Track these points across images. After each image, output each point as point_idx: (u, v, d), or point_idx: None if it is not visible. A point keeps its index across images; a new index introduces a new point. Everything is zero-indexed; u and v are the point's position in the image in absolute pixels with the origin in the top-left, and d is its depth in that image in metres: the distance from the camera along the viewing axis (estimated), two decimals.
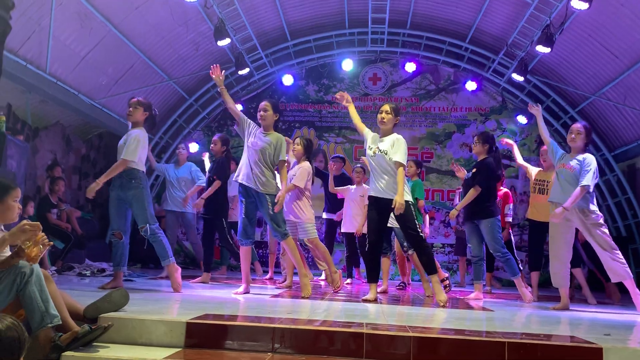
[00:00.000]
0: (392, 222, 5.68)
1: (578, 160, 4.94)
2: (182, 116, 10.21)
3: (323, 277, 7.42)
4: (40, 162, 8.07)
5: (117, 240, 4.88)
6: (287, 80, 10.23)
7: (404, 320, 3.50)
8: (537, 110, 5.44)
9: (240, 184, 4.85)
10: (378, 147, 4.70)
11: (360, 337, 2.74)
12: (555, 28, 7.50)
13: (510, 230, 7.02)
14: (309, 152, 5.85)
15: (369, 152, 4.78)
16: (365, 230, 6.86)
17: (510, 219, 6.95)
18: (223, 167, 6.44)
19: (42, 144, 8.12)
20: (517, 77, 9.03)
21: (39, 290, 2.51)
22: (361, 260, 8.04)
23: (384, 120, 4.77)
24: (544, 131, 5.43)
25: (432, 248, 8.44)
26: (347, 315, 3.65)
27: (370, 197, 4.74)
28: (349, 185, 7.04)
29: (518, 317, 4.13)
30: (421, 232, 4.70)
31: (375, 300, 4.60)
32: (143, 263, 9.38)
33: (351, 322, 3.14)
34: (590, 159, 4.93)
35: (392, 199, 4.55)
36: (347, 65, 10.20)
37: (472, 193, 5.56)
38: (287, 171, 5.34)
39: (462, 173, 6.03)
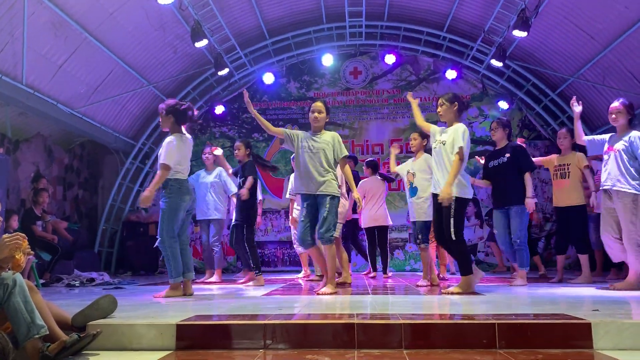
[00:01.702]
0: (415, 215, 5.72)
1: (625, 141, 4.89)
2: None
3: (301, 275, 7.40)
4: (23, 174, 7.98)
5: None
6: (268, 78, 10.20)
7: (395, 308, 3.51)
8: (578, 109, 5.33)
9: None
10: (440, 140, 4.61)
11: (351, 328, 2.74)
12: (531, 12, 7.55)
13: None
14: None
15: (433, 145, 4.70)
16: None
17: None
18: (253, 167, 6.21)
19: (23, 156, 8.03)
20: (496, 63, 9.08)
21: (23, 301, 2.47)
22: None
23: (440, 113, 4.69)
24: (580, 131, 5.31)
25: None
26: (339, 307, 3.66)
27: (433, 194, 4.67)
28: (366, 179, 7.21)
29: (509, 299, 4.15)
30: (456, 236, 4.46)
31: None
32: (134, 270, 9.34)
33: (342, 313, 3.14)
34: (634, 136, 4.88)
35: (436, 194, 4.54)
36: (327, 60, 10.19)
37: (528, 177, 5.57)
38: None
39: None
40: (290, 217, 7.09)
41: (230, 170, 6.49)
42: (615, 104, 5.06)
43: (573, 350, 2.58)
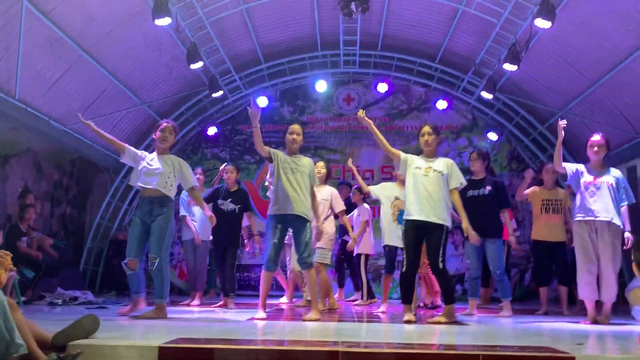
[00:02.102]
0: (397, 241, 5.77)
1: (613, 177, 4.96)
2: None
3: (284, 300, 7.38)
4: (10, 189, 7.92)
5: (131, 271, 4.69)
6: (262, 102, 10.26)
7: (380, 337, 3.49)
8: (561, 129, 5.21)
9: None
10: (431, 167, 4.64)
11: (335, 356, 2.72)
12: (521, 46, 7.71)
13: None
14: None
15: (418, 171, 4.64)
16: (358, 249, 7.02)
17: None
18: (248, 198, 6.49)
19: (12, 171, 7.98)
20: (486, 95, 9.22)
21: (3, 319, 2.44)
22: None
23: (429, 141, 4.73)
24: (561, 158, 5.21)
25: None
26: (324, 334, 3.63)
27: (411, 221, 4.57)
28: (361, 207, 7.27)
29: (493, 330, 4.15)
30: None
31: (415, 321, 4.53)
32: (119, 290, 9.21)
33: (326, 340, 3.12)
34: (621, 177, 4.99)
35: (439, 224, 4.49)
36: (321, 86, 10.30)
37: (508, 214, 5.74)
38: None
39: None
40: None
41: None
42: (597, 137, 5.10)
43: None
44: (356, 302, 7.28)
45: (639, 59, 7.04)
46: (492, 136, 9.94)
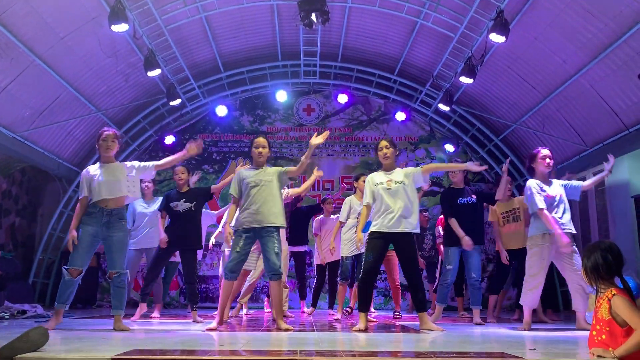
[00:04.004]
0: (354, 250, 5.92)
1: (560, 188, 5.11)
2: None
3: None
4: None
5: (70, 278, 4.51)
6: (221, 111, 10.19)
7: (340, 346, 3.48)
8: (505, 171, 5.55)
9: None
10: (392, 179, 4.73)
11: None
12: (477, 60, 7.93)
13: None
14: None
15: (381, 186, 4.74)
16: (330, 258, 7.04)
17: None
18: (205, 194, 6.15)
19: None
20: (444, 107, 9.43)
21: None
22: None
23: (387, 155, 4.82)
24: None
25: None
26: (283, 344, 3.59)
27: (378, 232, 4.67)
28: (322, 218, 7.35)
29: (452, 337, 4.20)
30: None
31: (366, 330, 4.55)
32: (71, 304, 8.89)
33: (285, 349, 3.09)
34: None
35: (407, 232, 4.62)
36: (281, 96, 10.31)
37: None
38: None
39: None
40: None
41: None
42: (548, 151, 5.25)
43: None
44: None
45: (587, 74, 7.35)
46: (449, 147, 10.15)
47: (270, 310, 7.65)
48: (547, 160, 5.15)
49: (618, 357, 2.72)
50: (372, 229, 4.75)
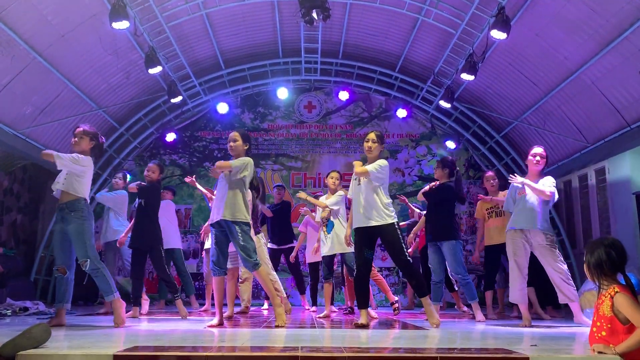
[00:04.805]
0: (337, 248, 5.96)
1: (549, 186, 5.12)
2: (112, 146, 9.91)
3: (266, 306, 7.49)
4: None
5: (60, 275, 4.64)
6: (222, 108, 10.18)
7: (340, 342, 3.49)
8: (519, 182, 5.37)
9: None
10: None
11: None
12: (478, 57, 7.91)
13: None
14: None
15: (353, 182, 4.81)
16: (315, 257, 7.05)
17: None
18: (155, 191, 6.13)
19: None
20: (445, 104, 9.41)
21: None
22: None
23: (371, 148, 4.81)
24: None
25: (380, 271, 8.44)
26: (284, 340, 3.60)
27: (356, 228, 4.74)
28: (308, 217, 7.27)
29: (453, 334, 4.21)
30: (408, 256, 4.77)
31: (367, 326, 4.58)
32: (72, 300, 8.90)
33: (286, 346, 3.10)
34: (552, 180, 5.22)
35: (383, 225, 4.65)
36: (282, 93, 10.29)
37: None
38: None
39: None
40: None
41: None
42: (540, 149, 5.26)
43: None
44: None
45: (589, 70, 7.33)
46: (450, 144, 10.14)
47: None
48: (538, 158, 5.18)
49: (619, 354, 2.73)
50: (353, 225, 4.84)
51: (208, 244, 6.57)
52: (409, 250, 6.27)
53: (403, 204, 8.32)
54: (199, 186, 6.52)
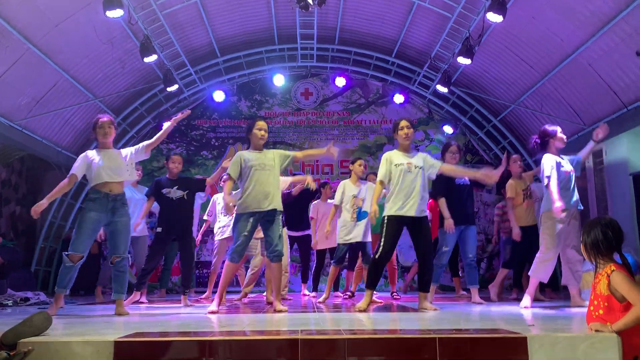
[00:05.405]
0: (351, 237, 6.02)
1: (569, 164, 5.18)
2: None
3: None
4: None
5: (71, 264, 4.53)
6: (219, 96, 10.16)
7: (340, 324, 3.52)
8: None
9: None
10: (412, 163, 4.75)
11: (295, 344, 2.72)
12: (475, 40, 7.88)
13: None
14: None
15: (401, 167, 4.74)
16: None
17: None
18: (200, 184, 6.18)
19: None
20: (442, 89, 9.39)
21: None
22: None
23: (409, 135, 4.84)
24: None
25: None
26: (284, 324, 3.63)
27: (395, 215, 4.70)
28: (318, 202, 7.36)
29: (451, 315, 4.24)
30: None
31: (367, 310, 4.67)
32: (73, 290, 8.94)
33: (286, 329, 3.12)
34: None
35: (424, 217, 4.74)
36: (279, 80, 10.27)
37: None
38: None
39: None
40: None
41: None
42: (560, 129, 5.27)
43: None
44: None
45: (585, 52, 7.31)
46: (448, 129, 10.14)
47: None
48: (565, 139, 5.24)
49: (616, 332, 2.75)
50: (389, 212, 4.74)
51: (224, 234, 6.67)
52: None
53: None
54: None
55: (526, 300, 5.09)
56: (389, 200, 4.78)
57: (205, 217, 7.33)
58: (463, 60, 8.05)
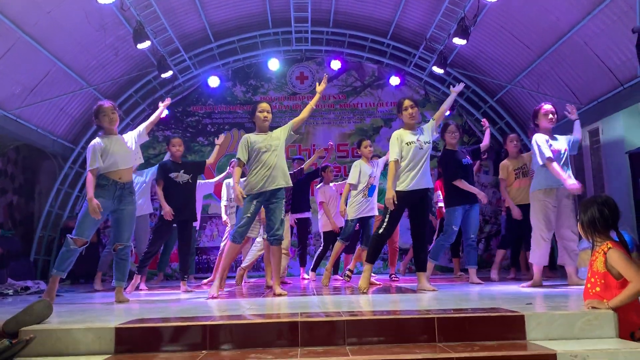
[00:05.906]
0: (360, 213, 6.10)
1: (564, 144, 5.16)
2: None
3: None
4: None
5: (75, 247, 4.49)
6: (213, 82, 10.11)
7: (339, 307, 3.54)
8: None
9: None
10: (421, 140, 4.85)
11: (295, 327, 2.75)
12: (470, 20, 7.83)
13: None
14: None
15: (412, 145, 4.80)
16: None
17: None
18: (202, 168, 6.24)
19: None
20: (438, 70, 9.35)
21: None
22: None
23: (413, 114, 4.92)
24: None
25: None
26: (284, 307, 3.65)
27: (405, 191, 4.77)
28: (325, 185, 7.43)
29: (449, 295, 4.27)
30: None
31: (366, 292, 4.78)
32: (73, 279, 8.99)
33: (286, 312, 3.15)
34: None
35: (429, 188, 4.88)
36: (274, 64, 10.20)
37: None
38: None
39: None
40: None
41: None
42: (550, 106, 5.19)
43: (508, 342, 2.69)
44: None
45: (581, 31, 7.28)
46: None
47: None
48: (550, 115, 5.11)
49: (612, 308, 2.78)
50: (399, 187, 4.80)
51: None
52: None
53: None
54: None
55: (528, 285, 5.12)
56: (398, 177, 4.84)
57: (224, 203, 7.23)
58: (458, 41, 8.01)
